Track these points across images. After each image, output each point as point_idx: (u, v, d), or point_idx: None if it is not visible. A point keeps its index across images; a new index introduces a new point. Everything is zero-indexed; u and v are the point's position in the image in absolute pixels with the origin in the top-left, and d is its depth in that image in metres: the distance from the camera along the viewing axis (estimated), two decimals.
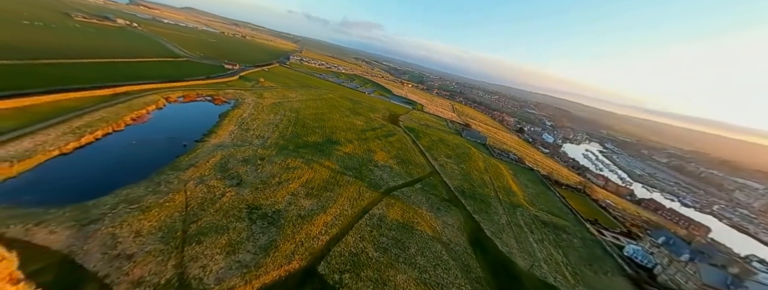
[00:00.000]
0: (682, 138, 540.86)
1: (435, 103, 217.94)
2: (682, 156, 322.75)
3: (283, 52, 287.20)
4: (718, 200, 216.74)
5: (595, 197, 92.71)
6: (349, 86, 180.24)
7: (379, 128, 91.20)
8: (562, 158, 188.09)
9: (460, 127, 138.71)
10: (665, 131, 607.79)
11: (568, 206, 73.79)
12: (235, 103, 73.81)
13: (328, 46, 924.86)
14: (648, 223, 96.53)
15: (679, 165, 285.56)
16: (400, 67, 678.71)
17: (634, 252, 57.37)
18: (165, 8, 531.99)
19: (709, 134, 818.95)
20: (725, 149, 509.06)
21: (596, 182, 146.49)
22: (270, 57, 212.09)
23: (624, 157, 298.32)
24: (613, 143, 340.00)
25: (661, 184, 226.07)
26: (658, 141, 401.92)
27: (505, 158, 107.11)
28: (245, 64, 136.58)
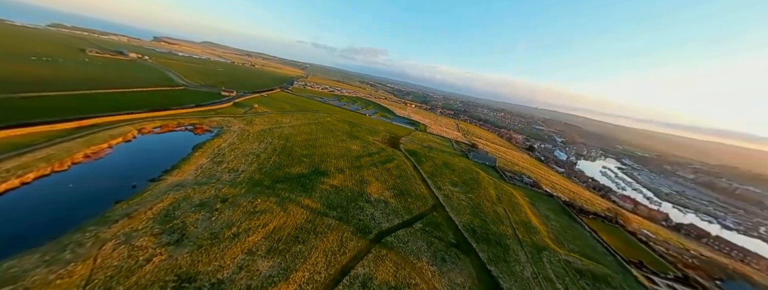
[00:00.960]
0: (706, 152, 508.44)
1: (439, 122, 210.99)
2: (709, 171, 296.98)
3: (288, 78, 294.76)
4: (763, 220, 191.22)
5: (631, 227, 78.34)
6: (350, 108, 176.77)
7: (377, 153, 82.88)
8: (580, 177, 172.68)
9: (466, 148, 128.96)
10: (687, 145, 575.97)
11: (604, 243, 60.55)
12: (218, 131, 67.85)
13: (334, 71, 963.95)
14: (699, 258, 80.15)
15: (708, 181, 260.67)
16: (404, 89, 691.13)
17: None
18: (185, 43, 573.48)
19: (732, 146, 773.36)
20: (753, 162, 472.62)
21: (624, 206, 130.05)
22: (273, 83, 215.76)
23: (646, 173, 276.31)
24: (632, 158, 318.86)
25: (693, 203, 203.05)
26: (681, 155, 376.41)
27: (519, 182, 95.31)
28: (244, 90, 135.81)
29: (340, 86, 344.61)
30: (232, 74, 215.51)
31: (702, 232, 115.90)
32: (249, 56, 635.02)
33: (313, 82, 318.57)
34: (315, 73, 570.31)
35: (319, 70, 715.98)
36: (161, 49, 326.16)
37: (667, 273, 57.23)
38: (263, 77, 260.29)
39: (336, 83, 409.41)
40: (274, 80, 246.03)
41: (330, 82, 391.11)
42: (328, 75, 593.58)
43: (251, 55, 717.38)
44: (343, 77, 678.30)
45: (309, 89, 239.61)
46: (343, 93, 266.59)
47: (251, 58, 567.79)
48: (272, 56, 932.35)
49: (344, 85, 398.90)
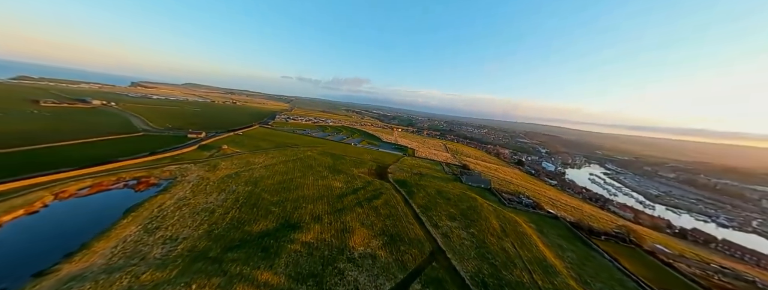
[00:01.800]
0: (676, 150, 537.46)
1: (426, 145, 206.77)
2: (687, 169, 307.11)
3: (271, 113, 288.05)
4: (751, 213, 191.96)
5: (647, 245, 70.65)
6: (334, 138, 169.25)
7: (362, 188, 73.27)
8: (573, 188, 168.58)
9: (457, 170, 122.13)
10: (658, 145, 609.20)
11: (630, 274, 51.69)
12: (168, 184, 56.49)
13: (320, 102, 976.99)
14: (723, 272, 72.40)
15: (689, 179, 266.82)
16: (390, 114, 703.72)
17: None
18: (165, 86, 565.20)
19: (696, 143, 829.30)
20: (720, 156, 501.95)
21: (624, 215, 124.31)
22: (252, 119, 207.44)
23: (630, 177, 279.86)
24: (613, 163, 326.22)
25: (683, 203, 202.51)
26: (655, 155, 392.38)
27: (518, 204, 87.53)
28: (217, 130, 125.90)
29: (325, 116, 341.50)
30: (208, 114, 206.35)
31: (708, 237, 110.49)
32: (232, 94, 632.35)
33: (298, 114, 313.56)
34: (300, 105, 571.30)
35: (304, 103, 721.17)
36: (135, 93, 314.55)
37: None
38: (242, 114, 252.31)
39: (321, 113, 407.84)
40: (254, 116, 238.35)
41: (315, 113, 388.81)
42: (313, 106, 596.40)
43: (235, 92, 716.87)
44: (329, 106, 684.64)
45: (292, 122, 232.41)
46: (328, 123, 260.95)
47: (234, 96, 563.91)
48: (257, 92, 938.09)
49: (330, 114, 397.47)
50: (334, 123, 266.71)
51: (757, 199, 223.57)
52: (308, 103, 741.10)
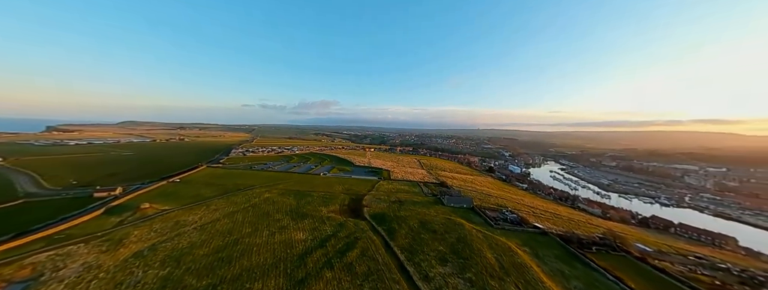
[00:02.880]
0: (609, 140, 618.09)
1: (401, 163, 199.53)
2: (622, 156, 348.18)
3: (226, 147, 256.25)
4: (680, 189, 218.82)
5: (634, 251, 68.79)
6: (300, 170, 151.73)
7: (333, 236, 60.08)
8: (543, 189, 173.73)
9: (436, 190, 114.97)
10: (593, 138, 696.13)
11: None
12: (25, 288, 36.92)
13: (286, 128, 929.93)
14: (701, 263, 73.48)
15: (627, 165, 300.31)
16: (361, 133, 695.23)
17: None
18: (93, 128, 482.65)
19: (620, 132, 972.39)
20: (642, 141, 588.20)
21: (594, 212, 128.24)
22: (200, 158, 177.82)
23: (582, 169, 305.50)
24: (565, 158, 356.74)
25: (630, 188, 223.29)
26: (594, 147, 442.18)
27: (503, 220, 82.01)
28: (147, 180, 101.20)
29: (291, 144, 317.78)
30: (141, 158, 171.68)
31: (666, 222, 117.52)
32: (182, 129, 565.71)
33: (259, 145, 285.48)
34: (264, 134, 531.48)
35: (269, 130, 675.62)
36: (46, 140, 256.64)
37: None
38: (189, 152, 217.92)
39: (287, 140, 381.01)
40: (203, 154, 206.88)
41: (280, 141, 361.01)
42: (279, 134, 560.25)
43: (186, 127, 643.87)
44: (297, 132, 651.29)
45: (251, 155, 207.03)
46: (295, 151, 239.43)
47: (184, 131, 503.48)
48: (214, 124, 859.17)
49: (297, 141, 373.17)
50: (301, 151, 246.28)
51: (680, 176, 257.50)
52: (273, 130, 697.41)
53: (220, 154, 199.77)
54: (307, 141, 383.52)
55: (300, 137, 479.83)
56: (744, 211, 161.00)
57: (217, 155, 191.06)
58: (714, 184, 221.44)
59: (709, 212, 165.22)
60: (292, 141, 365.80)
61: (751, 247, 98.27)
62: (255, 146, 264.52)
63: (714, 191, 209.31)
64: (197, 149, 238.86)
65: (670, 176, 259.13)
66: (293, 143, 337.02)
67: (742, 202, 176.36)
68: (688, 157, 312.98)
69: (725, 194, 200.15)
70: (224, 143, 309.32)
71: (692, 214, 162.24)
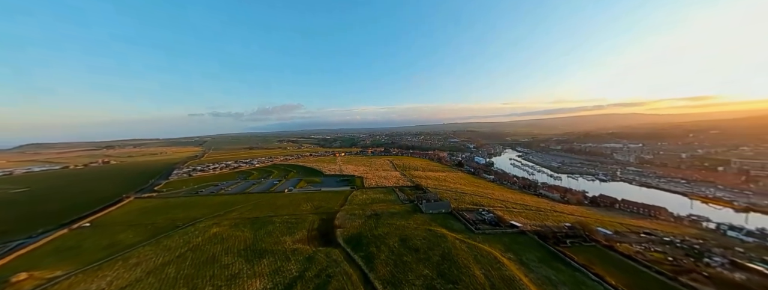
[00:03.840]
0: (550, 126, 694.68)
1: (374, 167, 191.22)
2: (563, 140, 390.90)
3: (167, 168, 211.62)
4: (612, 165, 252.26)
5: (602, 239, 71.75)
6: (261, 187, 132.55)
7: (300, 279, 49.20)
8: (508, 178, 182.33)
9: (413, 195, 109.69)
10: (540, 124, 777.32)
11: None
12: None
13: (245, 137, 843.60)
14: (649, 239, 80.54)
15: (569, 148, 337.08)
16: (330, 136, 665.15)
17: None
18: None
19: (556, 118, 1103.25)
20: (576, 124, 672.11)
21: (554, 197, 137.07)
22: (125, 188, 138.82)
23: (535, 155, 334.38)
24: (520, 145, 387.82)
25: (575, 168, 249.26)
26: (541, 133, 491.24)
27: (482, 223, 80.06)
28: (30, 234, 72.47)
29: (250, 156, 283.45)
30: (36, 196, 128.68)
31: (612, 200, 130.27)
32: (110, 148, 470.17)
33: (212, 161, 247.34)
34: (218, 146, 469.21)
35: (224, 142, 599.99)
36: None
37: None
38: (111, 181, 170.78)
39: (246, 152, 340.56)
40: (133, 181, 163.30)
41: (238, 153, 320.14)
42: (236, 144, 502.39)
43: (115, 145, 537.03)
44: (258, 141, 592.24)
45: (199, 174, 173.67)
46: (254, 165, 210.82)
47: (113, 151, 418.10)
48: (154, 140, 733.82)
49: (258, 152, 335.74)
50: (262, 163, 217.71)
51: (610, 153, 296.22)
52: (229, 141, 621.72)
53: (158, 178, 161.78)
54: (269, 151, 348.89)
55: (261, 146, 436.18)
56: (659, 179, 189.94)
57: (153, 180, 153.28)
58: (635, 158, 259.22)
59: (636, 184, 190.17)
60: (252, 152, 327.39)
61: (673, 212, 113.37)
62: (205, 163, 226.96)
63: (636, 165, 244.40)
64: (126, 173, 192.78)
65: (603, 155, 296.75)
66: (253, 154, 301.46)
67: (656, 172, 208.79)
68: (612, 136, 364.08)
69: (644, 166, 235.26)
70: (165, 162, 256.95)
71: (625, 186, 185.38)
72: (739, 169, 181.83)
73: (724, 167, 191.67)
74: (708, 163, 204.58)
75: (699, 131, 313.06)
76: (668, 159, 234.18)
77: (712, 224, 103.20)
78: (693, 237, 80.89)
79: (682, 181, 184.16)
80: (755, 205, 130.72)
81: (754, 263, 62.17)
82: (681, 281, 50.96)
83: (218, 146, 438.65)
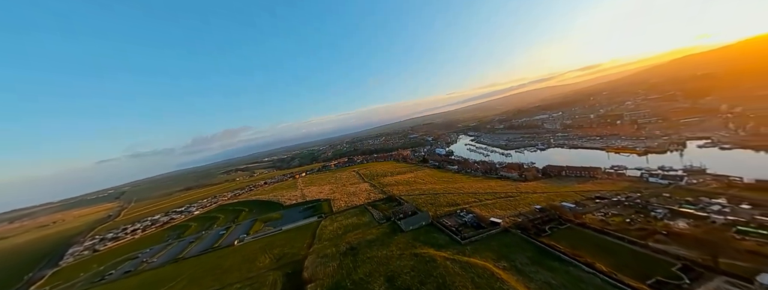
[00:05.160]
0: (489, 108, 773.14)
1: (341, 183, 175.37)
2: (502, 119, 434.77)
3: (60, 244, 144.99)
4: (545, 134, 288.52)
5: (575, 217, 73.82)
6: (200, 247, 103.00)
7: None
8: (470, 166, 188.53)
9: (389, 210, 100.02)
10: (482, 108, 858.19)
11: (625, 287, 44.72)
12: None
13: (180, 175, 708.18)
14: (603, 202, 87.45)
15: (510, 125, 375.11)
16: (287, 154, 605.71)
17: None
18: None
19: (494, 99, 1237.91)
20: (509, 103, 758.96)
21: (514, 177, 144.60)
22: None
23: (484, 136, 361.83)
24: (471, 130, 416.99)
25: (520, 143, 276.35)
26: (485, 115, 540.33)
27: (464, 227, 75.54)
28: None
29: (187, 200, 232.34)
30: None
31: (558, 169, 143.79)
32: None
33: (131, 219, 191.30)
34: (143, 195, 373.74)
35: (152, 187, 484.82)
36: None
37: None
38: None
39: (182, 195, 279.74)
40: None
41: (169, 200, 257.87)
42: (169, 186, 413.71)
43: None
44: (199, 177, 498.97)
45: (112, 245, 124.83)
46: (193, 212, 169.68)
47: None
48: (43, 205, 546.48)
49: (198, 192, 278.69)
50: (203, 209, 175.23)
51: (541, 124, 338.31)
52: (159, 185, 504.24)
53: (41, 266, 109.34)
54: (213, 188, 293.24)
55: (203, 184, 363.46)
56: (581, 139, 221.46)
57: (33, 273, 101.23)
58: (560, 125, 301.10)
59: (567, 147, 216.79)
60: (190, 195, 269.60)
61: (603, 168, 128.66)
62: (121, 225, 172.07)
63: (562, 130, 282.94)
64: None
65: (537, 126, 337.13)
66: (191, 197, 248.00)
67: (577, 133, 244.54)
68: (539, 109, 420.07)
69: (568, 130, 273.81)
70: (58, 236, 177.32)
71: (560, 151, 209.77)
72: (631, 120, 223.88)
73: (620, 120, 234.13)
74: (609, 119, 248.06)
75: (595, 94, 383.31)
76: (582, 121, 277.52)
77: (634, 172, 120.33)
78: (631, 192, 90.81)
79: (597, 137, 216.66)
80: (650, 147, 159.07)
81: (684, 207, 71.04)
82: (651, 247, 53.25)
83: (143, 196, 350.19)
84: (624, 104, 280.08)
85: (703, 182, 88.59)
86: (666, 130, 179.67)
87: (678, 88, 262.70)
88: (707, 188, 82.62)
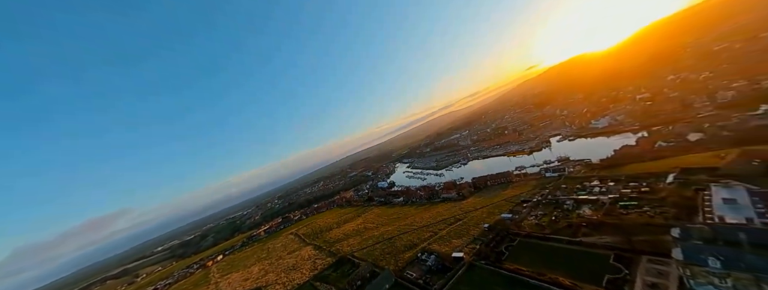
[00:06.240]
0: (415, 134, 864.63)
1: (276, 256, 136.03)
2: (427, 143, 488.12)
3: None
4: (464, 150, 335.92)
5: (514, 227, 76.87)
6: None
7: None
8: (415, 195, 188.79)
9: (343, 280, 78.88)
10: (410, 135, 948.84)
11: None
12: None
13: None
14: (529, 205, 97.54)
15: (435, 147, 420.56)
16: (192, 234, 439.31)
17: None
18: None
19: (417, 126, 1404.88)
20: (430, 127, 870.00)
21: (454, 197, 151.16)
22: None
23: (417, 161, 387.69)
24: (405, 157, 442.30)
25: (446, 162, 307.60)
26: (414, 142, 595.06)
27: (430, 272, 65.83)
28: None
29: None
30: None
31: (484, 180, 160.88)
32: None
33: None
34: None
35: None
36: None
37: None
38: None
39: None
40: None
41: None
42: None
43: None
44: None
45: None
46: None
47: None
48: None
49: None
50: None
51: (458, 142, 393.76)
52: None
53: None
54: None
55: None
56: (488, 150, 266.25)
57: None
58: (470, 141, 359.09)
59: (481, 158, 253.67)
60: None
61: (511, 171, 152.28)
62: None
63: (473, 145, 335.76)
64: None
65: (455, 145, 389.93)
66: None
67: (484, 145, 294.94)
68: (452, 130, 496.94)
69: (477, 144, 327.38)
70: None
71: (478, 162, 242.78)
72: (513, 130, 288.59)
73: (507, 131, 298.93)
74: (499, 131, 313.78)
75: (484, 113, 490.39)
76: (483, 135, 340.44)
77: (533, 169, 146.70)
78: (541, 189, 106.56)
79: (497, 146, 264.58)
80: (532, 147, 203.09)
81: (579, 194, 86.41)
82: (584, 242, 58.15)
83: None
84: (504, 118, 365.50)
85: (576, 169, 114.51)
86: (535, 132, 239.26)
87: (529, 102, 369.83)
88: (581, 174, 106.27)
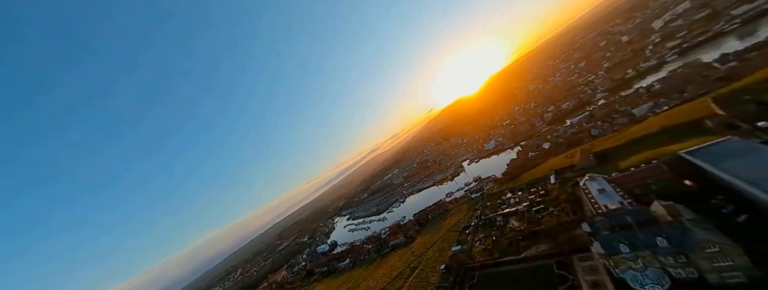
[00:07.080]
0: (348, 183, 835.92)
1: None
2: (364, 188, 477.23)
3: None
4: (399, 188, 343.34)
5: (467, 259, 72.72)
6: None
7: None
8: (362, 251, 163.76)
9: None
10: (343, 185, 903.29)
11: None
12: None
13: None
14: (473, 236, 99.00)
15: (371, 191, 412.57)
16: None
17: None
18: None
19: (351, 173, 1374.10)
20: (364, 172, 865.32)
21: (403, 242, 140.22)
22: None
23: (357, 210, 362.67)
24: (342, 209, 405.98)
25: (386, 203, 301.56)
26: (349, 191, 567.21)
27: None
28: None
29: None
30: None
31: (424, 215, 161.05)
32: None
33: None
34: None
35: None
36: None
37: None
38: None
39: None
40: None
41: None
42: None
43: None
44: None
45: None
46: None
47: None
48: None
49: None
50: None
51: (392, 182, 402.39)
52: None
53: None
54: None
55: None
56: (420, 183, 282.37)
57: None
58: (402, 178, 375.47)
59: (415, 191, 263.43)
60: None
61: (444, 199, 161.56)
62: None
63: (405, 181, 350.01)
64: None
65: (390, 184, 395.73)
66: None
67: (415, 180, 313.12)
68: (383, 171, 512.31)
69: (409, 180, 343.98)
70: None
71: (414, 197, 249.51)
72: (434, 161, 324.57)
73: (430, 163, 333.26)
74: (423, 164, 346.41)
75: (407, 150, 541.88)
76: (411, 171, 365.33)
77: (460, 193, 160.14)
78: (473, 210, 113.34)
79: (426, 178, 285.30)
80: (452, 173, 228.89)
81: (501, 208, 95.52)
82: (529, 257, 59.19)
83: None
84: (424, 153, 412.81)
85: (490, 186, 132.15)
86: (450, 160, 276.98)
87: (437, 136, 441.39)
88: (495, 190, 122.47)
